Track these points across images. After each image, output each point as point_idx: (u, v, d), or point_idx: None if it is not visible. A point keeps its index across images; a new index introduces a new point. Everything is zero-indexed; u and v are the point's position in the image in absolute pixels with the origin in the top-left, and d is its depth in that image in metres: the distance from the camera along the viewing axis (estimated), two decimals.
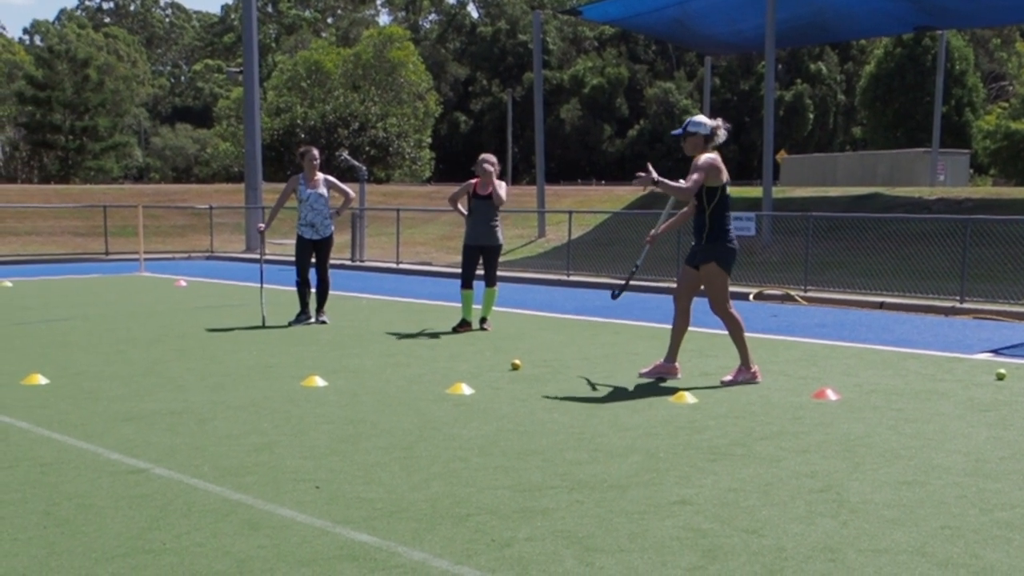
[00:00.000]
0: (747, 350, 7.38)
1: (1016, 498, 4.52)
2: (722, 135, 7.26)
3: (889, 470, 4.98)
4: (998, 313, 12.43)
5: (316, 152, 10.79)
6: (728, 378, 7.38)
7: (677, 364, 7.53)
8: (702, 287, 7.50)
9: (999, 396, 6.92)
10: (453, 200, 10.63)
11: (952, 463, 5.12)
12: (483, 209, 10.16)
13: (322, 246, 10.77)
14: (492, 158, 10.34)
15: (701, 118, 7.36)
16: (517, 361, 7.93)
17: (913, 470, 4.99)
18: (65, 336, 9.66)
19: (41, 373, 7.34)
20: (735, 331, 7.38)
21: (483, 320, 10.36)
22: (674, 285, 16.68)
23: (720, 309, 7.38)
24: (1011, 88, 56.72)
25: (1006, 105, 44.75)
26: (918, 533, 4.04)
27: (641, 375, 7.57)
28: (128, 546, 3.86)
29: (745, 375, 7.35)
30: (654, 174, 7.06)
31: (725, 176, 7.27)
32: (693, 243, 7.46)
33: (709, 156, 7.18)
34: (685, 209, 7.57)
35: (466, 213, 10.38)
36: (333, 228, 10.84)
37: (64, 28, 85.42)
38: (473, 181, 10.31)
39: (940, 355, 8.98)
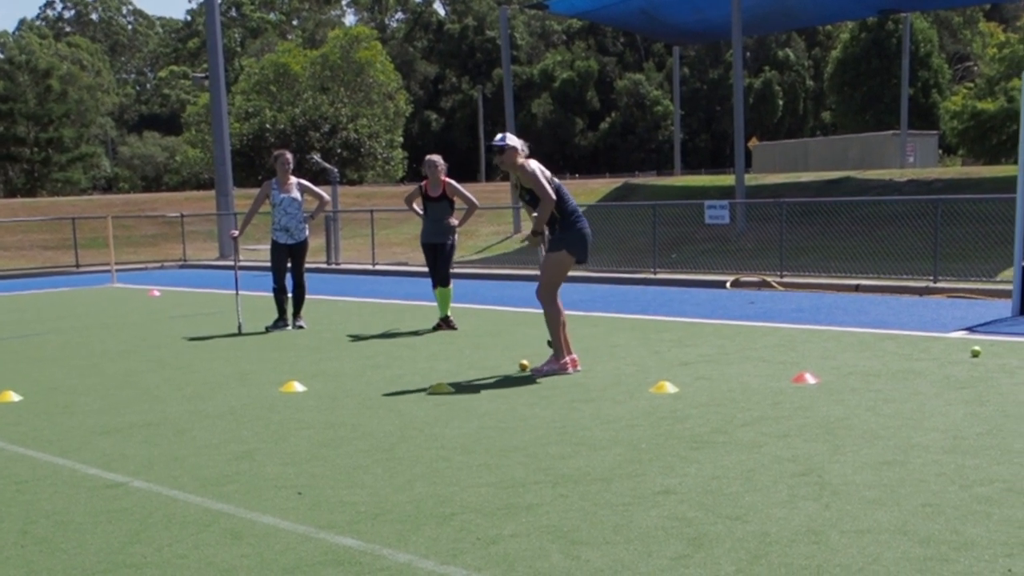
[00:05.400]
0: (561, 342, 7.45)
1: (994, 473, 4.56)
2: (527, 151, 7.61)
3: (869, 451, 5.01)
4: (971, 291, 12.55)
5: (289, 156, 10.72)
6: (539, 367, 7.49)
7: (568, 358, 7.54)
8: (565, 275, 7.68)
9: (974, 373, 6.99)
10: (408, 201, 10.62)
11: (931, 441, 5.16)
12: (435, 209, 10.16)
13: (297, 250, 10.70)
14: (437, 158, 10.26)
15: (511, 136, 7.66)
16: (525, 362, 7.73)
17: (893, 450, 5.02)
18: (38, 351, 9.55)
19: (14, 390, 7.24)
20: (553, 320, 7.46)
21: (446, 319, 10.27)
22: (651, 276, 16.72)
23: (547, 295, 7.50)
24: (976, 68, 57.31)
25: (971, 86, 45.18)
26: (899, 512, 4.07)
27: (533, 372, 7.52)
28: (109, 561, 3.81)
29: (554, 365, 7.43)
30: (527, 232, 7.60)
31: (549, 173, 7.55)
32: (549, 236, 7.52)
33: (532, 163, 7.46)
34: (536, 214, 7.55)
35: (421, 213, 10.34)
36: (308, 232, 10.77)
37: (24, 39, 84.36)
38: (423, 182, 10.29)
39: (916, 335, 9.05)
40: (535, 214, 7.46)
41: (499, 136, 7.70)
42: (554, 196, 7.32)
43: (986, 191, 17.81)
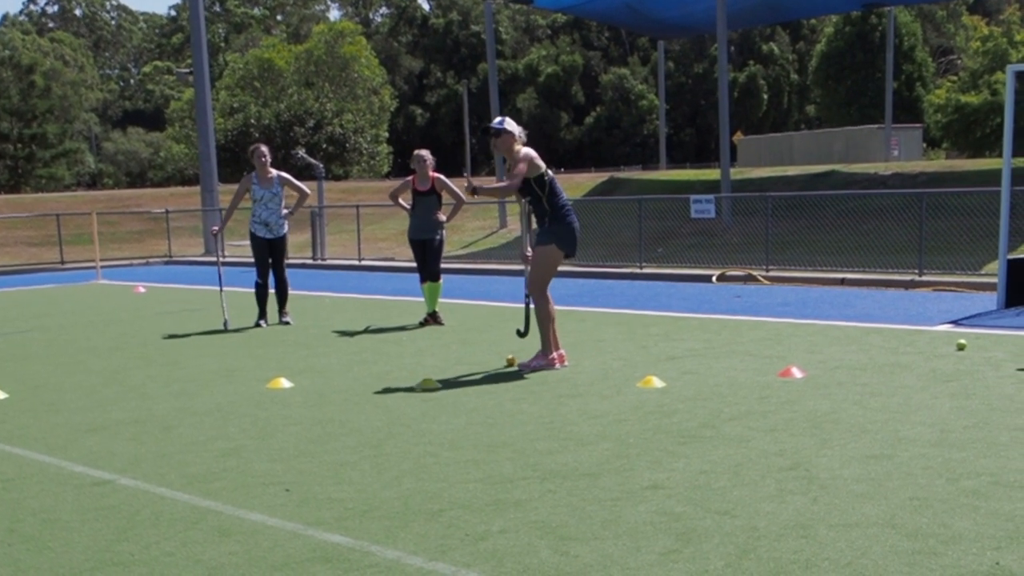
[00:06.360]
0: (549, 338, 7.46)
1: (981, 466, 4.59)
2: (524, 138, 7.60)
3: (856, 445, 5.03)
4: (956, 284, 12.62)
5: (265, 149, 10.64)
6: (527, 362, 7.49)
7: (556, 354, 7.54)
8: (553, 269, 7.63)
9: (960, 366, 7.02)
10: (394, 196, 10.57)
11: (918, 435, 5.18)
12: (423, 204, 10.12)
13: (277, 245, 10.62)
14: (426, 153, 10.24)
15: (510, 121, 7.66)
16: (512, 357, 7.73)
17: (880, 443, 5.04)
18: (23, 349, 9.48)
19: None
20: (543, 316, 7.45)
21: (434, 314, 10.26)
22: (637, 270, 16.74)
23: (537, 290, 7.50)
24: (959, 61, 57.59)
25: (955, 79, 45.39)
26: (887, 505, 4.08)
27: (520, 367, 7.53)
28: (96, 559, 3.79)
29: (541, 361, 7.44)
30: (472, 182, 7.53)
31: (544, 166, 7.52)
32: (537, 230, 7.52)
33: (527, 149, 7.46)
34: (498, 185, 7.61)
35: (408, 208, 10.31)
36: (288, 228, 10.70)
37: (7, 34, 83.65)
38: (410, 177, 10.26)
39: (902, 328, 9.09)
40: (524, 199, 7.44)
41: (497, 119, 7.61)
42: (518, 184, 7.30)
43: (971, 184, 17.90)
